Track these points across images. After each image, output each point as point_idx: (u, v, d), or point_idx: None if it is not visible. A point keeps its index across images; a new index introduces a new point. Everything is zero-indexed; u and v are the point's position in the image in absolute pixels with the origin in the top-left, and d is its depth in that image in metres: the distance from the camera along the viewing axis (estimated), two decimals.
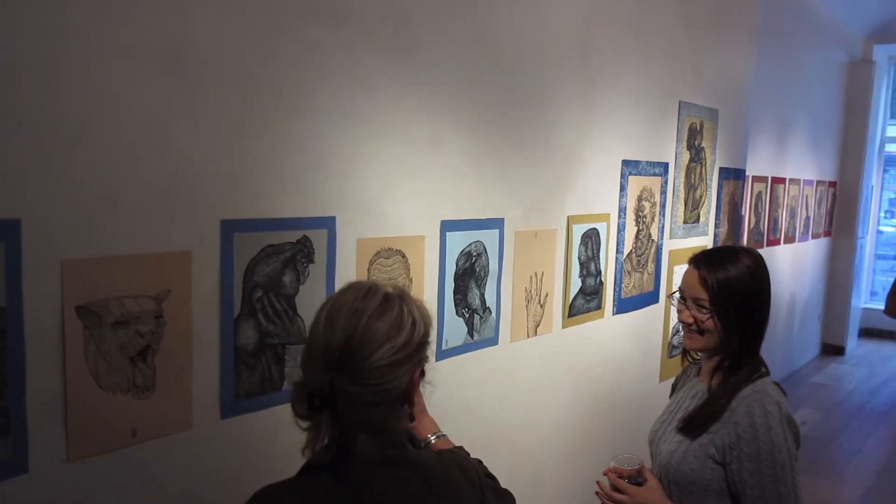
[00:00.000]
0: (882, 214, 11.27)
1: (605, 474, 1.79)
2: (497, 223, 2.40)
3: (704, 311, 1.72)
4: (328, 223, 1.87)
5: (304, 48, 1.78)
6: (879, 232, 11.14)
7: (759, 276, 1.74)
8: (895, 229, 11.46)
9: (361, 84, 1.93)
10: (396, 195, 2.06)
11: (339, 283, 1.90)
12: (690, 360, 1.93)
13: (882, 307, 7.17)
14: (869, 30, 8.63)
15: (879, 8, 8.25)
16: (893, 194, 11.71)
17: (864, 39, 8.74)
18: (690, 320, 1.75)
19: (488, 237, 2.37)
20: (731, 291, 1.70)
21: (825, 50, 7.74)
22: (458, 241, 2.25)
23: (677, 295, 1.81)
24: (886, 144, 10.27)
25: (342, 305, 1.18)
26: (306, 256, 1.84)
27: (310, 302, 1.83)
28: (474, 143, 2.29)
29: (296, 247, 1.81)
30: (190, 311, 1.61)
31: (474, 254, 2.32)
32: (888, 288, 7.02)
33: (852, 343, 8.98)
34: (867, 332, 9.59)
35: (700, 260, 1.77)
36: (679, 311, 1.79)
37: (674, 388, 1.99)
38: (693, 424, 1.69)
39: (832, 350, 8.66)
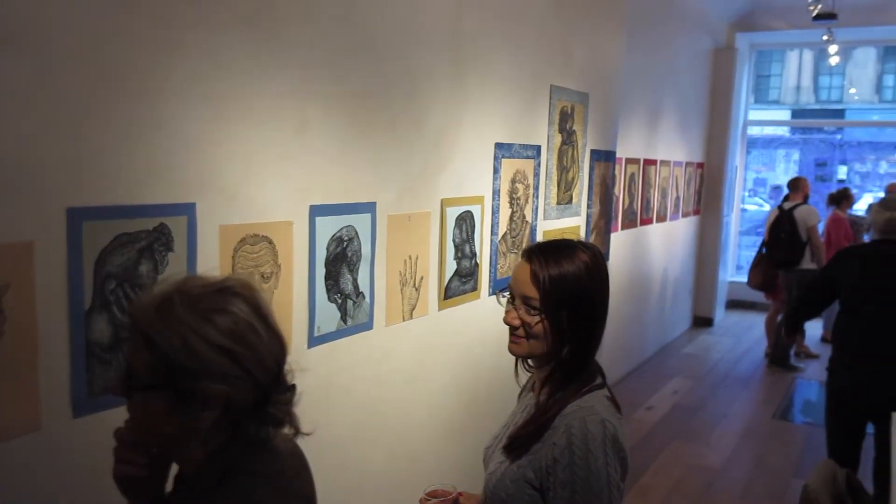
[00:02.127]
0: (746, 193, 11.99)
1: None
2: (369, 207, 2.38)
3: (534, 312, 1.49)
4: (188, 209, 1.80)
5: (155, 25, 1.69)
6: (744, 210, 11.85)
7: (596, 274, 1.54)
8: (758, 207, 12.23)
9: (221, 64, 1.86)
10: (262, 179, 2.00)
11: (202, 272, 1.84)
12: (527, 367, 1.68)
13: (746, 280, 7.67)
14: (731, 18, 9.11)
15: None
16: (756, 174, 12.47)
17: (728, 27, 9.22)
18: (517, 322, 1.52)
19: (360, 221, 2.35)
20: (564, 292, 1.48)
21: (692, 37, 8.11)
22: (329, 226, 2.22)
23: (506, 293, 1.59)
24: (749, 127, 10.90)
25: (263, 304, 1.14)
26: (164, 245, 1.76)
27: None
28: (344, 125, 2.26)
29: (152, 235, 1.73)
30: (34, 305, 1.51)
31: (346, 238, 2.30)
32: (751, 262, 7.52)
33: (720, 315, 9.53)
34: (733, 304, 10.21)
35: (533, 253, 1.54)
36: (506, 312, 1.57)
37: (518, 398, 1.79)
38: (515, 444, 1.50)
39: (702, 322, 9.17)
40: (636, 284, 6.93)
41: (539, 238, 3.48)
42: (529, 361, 1.65)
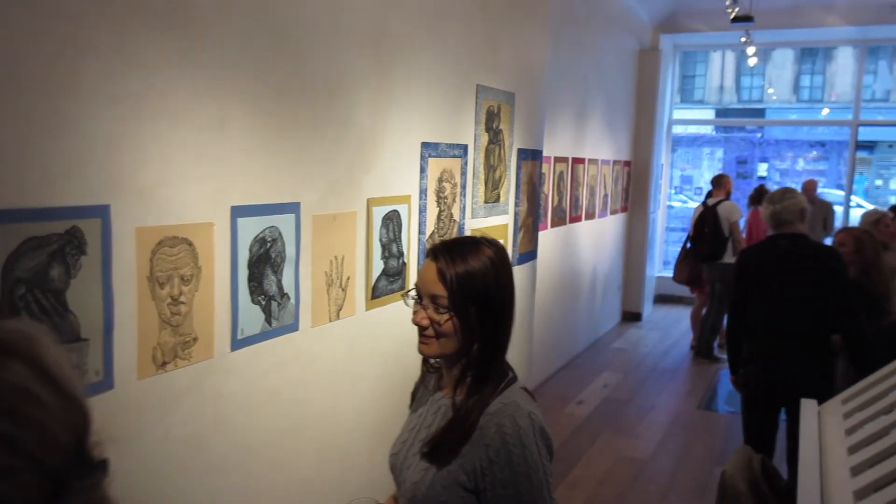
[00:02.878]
0: (672, 191, 12.32)
1: None
2: (292, 207, 2.36)
3: (442, 310, 1.49)
4: (101, 212, 1.76)
5: (64, 22, 1.64)
6: (670, 207, 12.17)
7: (503, 269, 1.55)
8: (682, 204, 12.58)
9: (135, 62, 1.82)
10: (180, 180, 1.97)
11: (118, 276, 1.80)
12: (430, 368, 1.71)
13: (672, 275, 7.89)
14: (655, 20, 9.34)
15: (665, 0, 8.96)
16: (681, 172, 12.83)
17: (652, 29, 9.45)
18: (426, 322, 1.52)
19: (283, 222, 2.33)
20: (472, 288, 1.48)
21: (617, 38, 8.28)
22: (251, 227, 2.20)
23: (413, 293, 1.57)
24: (675, 126, 11.20)
25: (51, 360, 0.77)
26: (77, 248, 1.71)
27: (83, 297, 1.71)
28: (265, 124, 2.24)
29: (64, 238, 1.68)
30: None
31: (269, 239, 2.27)
32: (677, 257, 7.74)
33: (648, 309, 9.77)
34: (661, 299, 10.48)
35: (438, 251, 1.53)
36: (414, 313, 1.56)
37: (414, 399, 1.78)
38: (440, 450, 1.49)
39: (631, 317, 9.38)
40: (566, 281, 7.05)
41: None
42: (433, 363, 1.67)
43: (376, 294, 2.83)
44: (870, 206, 12.02)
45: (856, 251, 3.90)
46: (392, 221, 2.90)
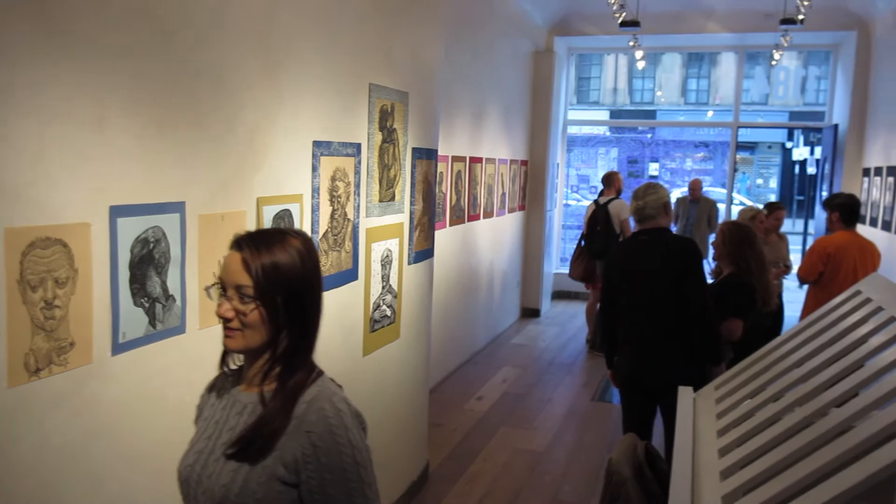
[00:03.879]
0: (568, 189, 12.66)
1: None
2: (177, 207, 2.30)
3: (247, 300, 1.47)
4: None
5: None
6: (566, 205, 12.50)
7: (310, 260, 1.55)
8: (578, 203, 12.95)
9: (2, 58, 1.73)
10: (54, 179, 1.88)
11: None
12: (227, 369, 1.66)
13: (568, 272, 8.12)
14: (550, 23, 9.58)
15: (559, 4, 9.19)
16: (576, 171, 13.20)
17: (547, 31, 9.68)
18: (231, 314, 1.49)
19: (168, 222, 2.27)
20: (279, 277, 1.48)
21: (513, 40, 8.45)
22: (132, 228, 2.13)
23: (216, 287, 1.54)
24: (569, 126, 11.50)
25: None
26: None
27: None
28: (146, 121, 2.17)
29: None
30: None
31: (152, 240, 2.21)
32: (572, 254, 7.96)
33: (546, 305, 10.01)
34: (558, 295, 10.76)
35: (243, 241, 1.52)
36: (218, 305, 1.52)
37: (200, 411, 1.72)
38: (253, 446, 1.45)
39: (530, 313, 9.59)
40: (466, 279, 7.14)
41: (363, 236, 3.51)
42: (230, 363, 1.65)
43: None
44: (754, 204, 12.70)
45: (721, 242, 4.13)
46: (284, 221, 2.86)
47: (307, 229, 3.03)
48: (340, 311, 3.36)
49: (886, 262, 6.41)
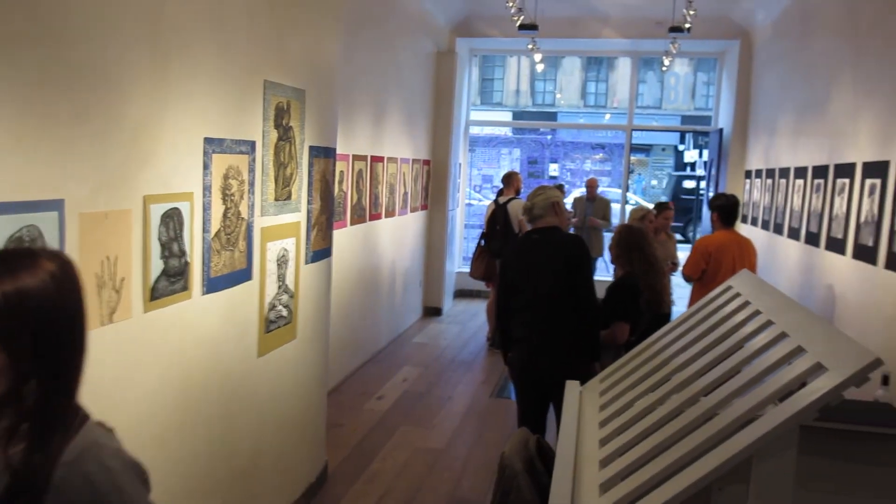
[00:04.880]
0: (470, 189, 12.81)
1: None
2: (55, 205, 2.21)
3: None
4: None
5: None
6: (469, 205, 12.66)
7: (68, 287, 1.28)
8: (480, 202, 13.13)
9: None
10: None
11: None
12: None
13: (469, 271, 8.22)
14: (451, 23, 9.67)
15: (460, 5, 9.29)
16: (478, 171, 13.37)
17: (449, 32, 9.77)
18: None
19: (45, 220, 2.17)
20: (25, 310, 1.20)
21: (415, 39, 8.48)
22: (4, 226, 2.03)
23: None
24: (472, 127, 11.65)
25: None
26: None
27: None
28: (21, 115, 2.07)
29: None
30: None
31: (27, 239, 2.11)
32: (473, 253, 8.07)
33: (448, 304, 10.11)
34: (460, 294, 10.88)
35: None
36: None
37: None
38: None
39: (432, 312, 9.66)
40: (367, 278, 7.13)
41: (258, 236, 3.46)
42: None
43: (155, 296, 2.71)
44: (645, 203, 13.19)
45: (615, 244, 4.30)
46: (173, 220, 2.79)
47: (198, 229, 2.96)
48: (233, 311, 3.30)
49: (766, 259, 6.81)
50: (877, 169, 4.58)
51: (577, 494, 1.77)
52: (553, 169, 15.37)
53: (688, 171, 18.84)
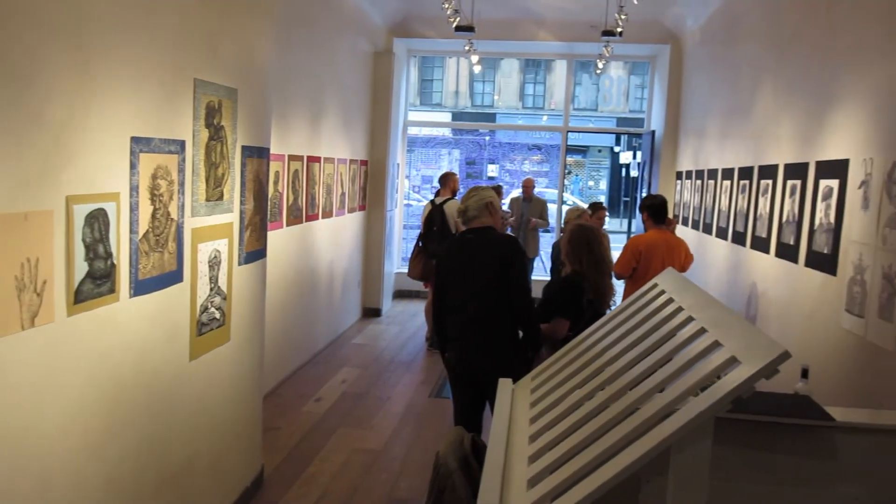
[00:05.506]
0: (409, 190, 12.81)
1: None
2: None
3: None
4: None
5: None
6: (408, 205, 12.66)
7: None
8: (419, 203, 13.14)
9: None
10: None
11: None
12: None
13: (407, 271, 8.22)
14: (389, 24, 9.65)
15: (397, 5, 9.29)
16: (417, 172, 13.39)
17: (386, 32, 9.76)
18: None
19: None
20: None
21: (352, 39, 8.44)
22: None
23: None
24: (411, 127, 11.65)
25: None
26: None
27: None
28: None
29: None
30: None
31: None
32: (411, 254, 8.07)
33: (387, 305, 10.09)
34: (399, 294, 10.88)
35: None
36: None
37: None
38: None
39: (371, 313, 9.63)
40: (304, 279, 7.07)
41: (188, 237, 3.39)
42: None
43: (80, 298, 2.64)
44: (581, 204, 13.40)
45: (566, 242, 4.37)
46: (98, 220, 2.72)
47: (125, 230, 2.89)
48: (163, 314, 3.24)
49: (696, 258, 6.99)
50: (797, 170, 4.76)
51: (506, 490, 1.80)
52: (492, 170, 15.48)
53: (623, 173, 19.21)
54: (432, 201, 7.72)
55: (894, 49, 3.63)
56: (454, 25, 7.58)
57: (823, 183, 4.29)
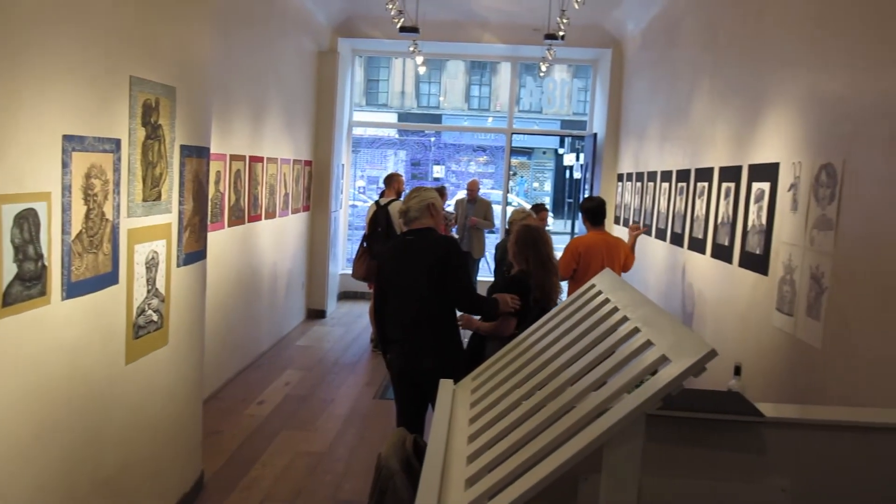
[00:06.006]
0: (354, 190, 12.75)
1: None
2: None
3: None
4: None
5: None
6: (354, 206, 12.59)
7: None
8: (365, 203, 13.09)
9: None
10: None
11: None
12: None
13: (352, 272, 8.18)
14: (334, 23, 9.60)
15: (342, 4, 9.24)
16: (361, 172, 13.33)
17: (331, 32, 9.69)
18: None
19: None
20: None
21: (296, 38, 8.37)
22: None
23: None
24: (357, 128, 11.59)
25: None
26: None
27: None
28: None
29: None
30: None
31: None
32: (355, 255, 8.03)
33: (332, 306, 10.03)
34: (344, 295, 10.82)
35: None
36: None
37: None
38: None
39: (315, 314, 9.55)
40: (247, 281, 6.97)
41: (124, 238, 3.32)
42: None
43: (8, 301, 2.56)
44: (525, 204, 13.53)
45: (513, 242, 4.42)
46: (28, 221, 2.64)
47: (56, 231, 2.82)
48: (98, 317, 3.16)
49: (637, 259, 7.12)
50: (731, 173, 4.90)
51: (445, 491, 1.81)
52: (437, 171, 15.53)
53: (567, 175, 19.44)
54: (377, 202, 7.70)
55: (817, 57, 3.76)
56: (398, 26, 7.58)
57: (756, 185, 4.43)
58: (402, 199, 7.68)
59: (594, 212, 5.69)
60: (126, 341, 3.41)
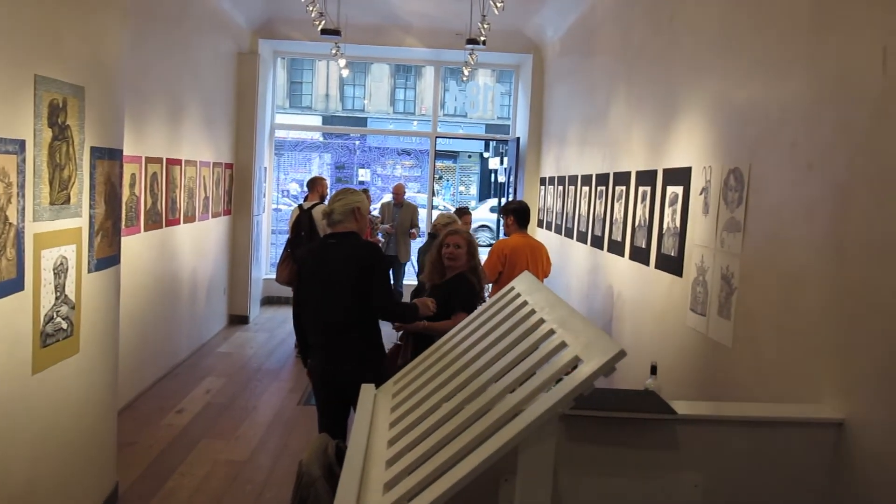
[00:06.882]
0: (278, 194, 12.57)
1: None
2: None
3: None
4: None
5: None
6: (278, 210, 12.41)
7: None
8: (288, 207, 12.92)
9: None
10: None
11: None
12: None
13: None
14: (254, 25, 9.44)
15: (262, 6, 9.09)
16: (285, 176, 13.15)
17: (251, 33, 9.53)
18: None
19: None
20: None
21: (214, 39, 8.19)
22: None
23: None
24: (280, 131, 11.42)
25: None
26: None
27: None
28: None
29: None
30: None
31: None
32: (279, 259, 7.91)
33: (255, 311, 9.84)
34: (268, 300, 10.64)
35: None
36: None
37: None
38: None
39: (238, 320, 9.36)
40: (165, 287, 6.78)
41: (30, 243, 3.18)
42: None
43: None
44: (452, 208, 13.60)
45: (468, 241, 4.46)
46: None
47: None
48: (2, 325, 3.01)
49: (559, 261, 7.26)
50: (647, 177, 5.04)
51: (363, 495, 1.80)
52: (363, 174, 15.45)
53: (492, 178, 19.64)
54: (300, 206, 7.61)
55: (724, 65, 3.91)
56: (319, 28, 7.51)
57: (670, 189, 4.57)
58: (326, 202, 7.63)
59: (519, 214, 5.75)
60: (33, 350, 3.27)
